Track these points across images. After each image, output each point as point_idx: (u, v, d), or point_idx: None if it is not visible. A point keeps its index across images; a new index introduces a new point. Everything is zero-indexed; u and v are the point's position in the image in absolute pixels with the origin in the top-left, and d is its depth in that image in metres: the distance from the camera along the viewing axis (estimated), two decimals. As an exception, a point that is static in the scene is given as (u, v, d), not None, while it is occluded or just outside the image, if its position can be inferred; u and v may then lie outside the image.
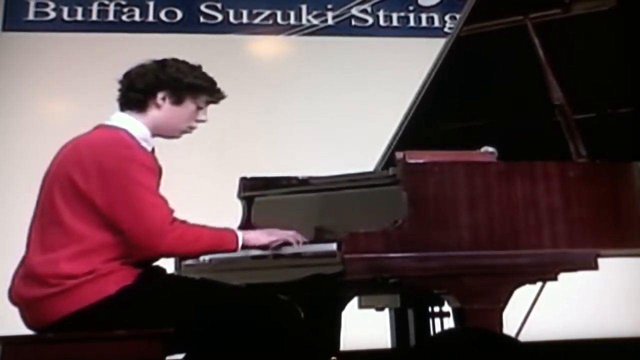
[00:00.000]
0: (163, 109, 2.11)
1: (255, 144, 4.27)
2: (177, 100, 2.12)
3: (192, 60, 2.19)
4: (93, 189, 1.94)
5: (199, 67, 2.18)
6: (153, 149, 2.15)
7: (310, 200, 2.41)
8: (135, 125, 2.08)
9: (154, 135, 2.14)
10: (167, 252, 2.03)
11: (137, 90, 2.11)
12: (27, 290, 1.96)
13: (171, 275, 2.21)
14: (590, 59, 2.53)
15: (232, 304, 1.97)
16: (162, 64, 2.14)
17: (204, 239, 2.04)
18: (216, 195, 2.26)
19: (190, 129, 2.18)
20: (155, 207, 1.96)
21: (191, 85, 2.12)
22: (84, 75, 4.38)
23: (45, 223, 2.00)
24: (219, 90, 2.19)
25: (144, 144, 2.07)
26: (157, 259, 2.09)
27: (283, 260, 2.15)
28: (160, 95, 2.10)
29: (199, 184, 4.07)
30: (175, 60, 2.16)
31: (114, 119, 2.11)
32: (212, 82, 2.17)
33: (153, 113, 2.11)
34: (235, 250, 2.08)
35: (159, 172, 2.07)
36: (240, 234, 2.10)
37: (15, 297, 2.00)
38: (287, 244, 2.16)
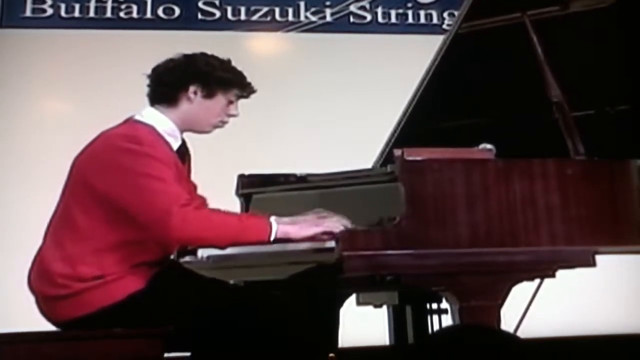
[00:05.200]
0: (195, 103, 2.10)
1: (252, 140, 4.25)
2: (209, 94, 2.10)
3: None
4: (108, 185, 1.94)
5: (228, 61, 2.16)
6: (183, 143, 2.14)
7: (308, 198, 2.40)
8: (160, 119, 2.07)
9: (185, 130, 2.12)
10: (180, 237, 1.94)
11: (165, 84, 2.10)
12: (39, 286, 1.98)
13: (181, 274, 2.11)
14: (588, 56, 2.53)
15: (230, 302, 1.97)
16: (191, 57, 2.13)
17: (223, 225, 1.95)
18: (214, 192, 2.24)
19: (222, 123, 2.16)
20: (163, 193, 1.92)
21: (221, 79, 2.11)
22: (81, 72, 4.37)
23: (61, 219, 2.01)
24: (249, 84, 2.16)
25: (169, 138, 2.06)
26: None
27: (281, 258, 2.14)
28: (192, 88, 2.09)
29: (196, 181, 4.05)
30: (203, 54, 2.15)
31: (143, 114, 2.09)
32: (242, 76, 2.15)
33: (184, 107, 2.10)
34: (267, 241, 1.97)
35: (175, 164, 2.03)
36: (276, 224, 1.97)
37: (31, 287, 2.01)
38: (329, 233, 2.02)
